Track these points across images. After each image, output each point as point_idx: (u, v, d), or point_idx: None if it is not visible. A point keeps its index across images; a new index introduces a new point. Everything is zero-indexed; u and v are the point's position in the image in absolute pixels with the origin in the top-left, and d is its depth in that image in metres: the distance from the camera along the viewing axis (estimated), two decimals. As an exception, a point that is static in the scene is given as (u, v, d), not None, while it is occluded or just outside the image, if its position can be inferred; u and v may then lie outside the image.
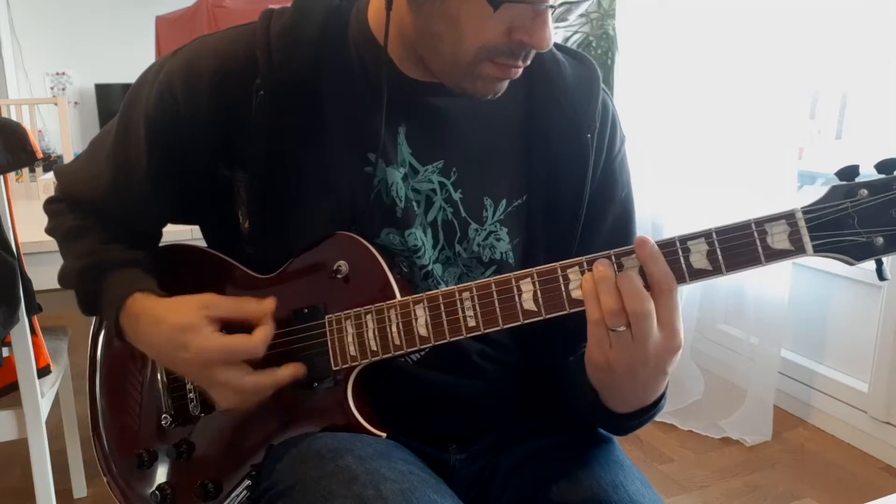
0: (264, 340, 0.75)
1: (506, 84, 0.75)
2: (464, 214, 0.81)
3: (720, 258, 0.62)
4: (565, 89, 0.81)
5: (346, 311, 0.76)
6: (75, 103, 5.74)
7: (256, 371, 0.75)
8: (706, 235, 0.62)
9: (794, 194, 2.23)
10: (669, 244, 0.63)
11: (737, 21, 2.26)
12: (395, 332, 0.73)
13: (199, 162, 0.80)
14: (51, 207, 0.94)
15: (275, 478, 0.73)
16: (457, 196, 0.81)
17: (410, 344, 0.72)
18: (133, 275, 0.84)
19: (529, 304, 0.68)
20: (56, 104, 2.59)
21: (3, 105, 2.63)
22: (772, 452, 2.21)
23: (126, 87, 0.87)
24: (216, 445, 0.83)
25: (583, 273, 0.65)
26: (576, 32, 2.97)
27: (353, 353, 0.75)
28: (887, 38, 2.36)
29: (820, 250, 0.60)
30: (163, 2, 4.08)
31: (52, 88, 5.70)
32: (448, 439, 0.85)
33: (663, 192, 2.57)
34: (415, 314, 0.72)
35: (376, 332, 0.74)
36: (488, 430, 0.87)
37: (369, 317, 0.74)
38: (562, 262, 0.67)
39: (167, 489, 0.84)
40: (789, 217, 0.60)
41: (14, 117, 2.64)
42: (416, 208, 0.80)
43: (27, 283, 1.37)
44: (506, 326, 0.68)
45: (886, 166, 0.59)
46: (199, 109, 0.77)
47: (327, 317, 0.77)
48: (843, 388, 2.28)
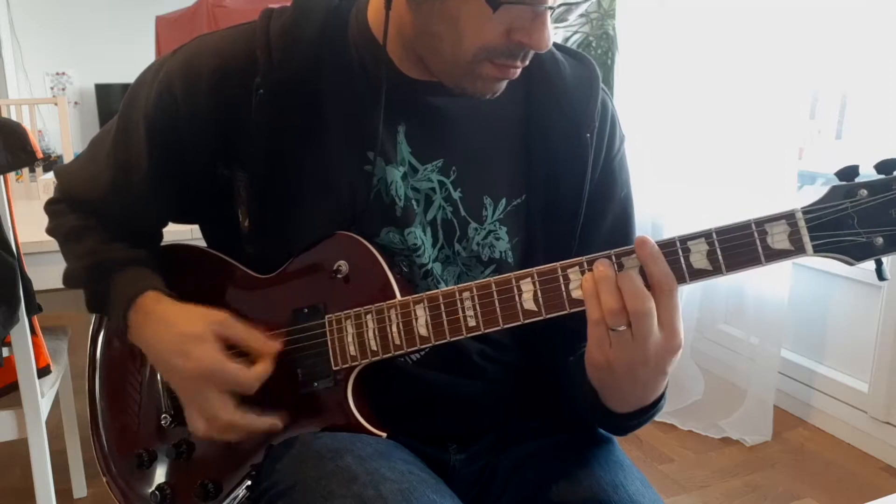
0: (260, 378, 0.75)
1: (505, 84, 0.75)
2: (463, 213, 0.81)
3: (720, 258, 0.62)
4: (565, 89, 0.81)
5: (346, 311, 0.76)
6: (75, 103, 5.74)
7: (238, 409, 0.76)
8: (706, 235, 0.62)
9: (794, 194, 2.23)
10: (669, 244, 0.63)
11: (737, 21, 2.26)
12: (395, 332, 0.73)
13: (199, 161, 0.80)
14: (51, 208, 0.94)
15: (275, 478, 0.73)
16: (456, 195, 0.81)
17: (410, 344, 0.72)
18: (141, 272, 0.84)
19: (529, 304, 0.68)
20: (56, 104, 2.59)
21: (3, 105, 2.63)
22: (772, 452, 2.21)
23: (126, 87, 0.87)
24: (216, 445, 0.83)
25: (583, 273, 0.65)
26: (576, 32, 2.97)
27: (353, 352, 0.75)
28: (887, 38, 2.36)
29: (820, 250, 0.60)
30: (163, 2, 4.08)
31: (52, 88, 5.70)
32: (448, 439, 0.85)
33: (663, 192, 2.57)
34: (415, 314, 0.72)
35: (376, 332, 0.74)
36: (488, 430, 0.87)
37: (369, 316, 0.74)
38: (562, 262, 0.67)
39: (167, 489, 0.84)
40: (789, 217, 0.60)
41: (14, 117, 2.64)
42: (415, 207, 0.80)
43: (27, 283, 1.37)
44: (506, 326, 0.68)
45: (886, 166, 0.59)
46: (199, 109, 0.77)
47: (327, 317, 0.77)
48: (843, 388, 2.28)
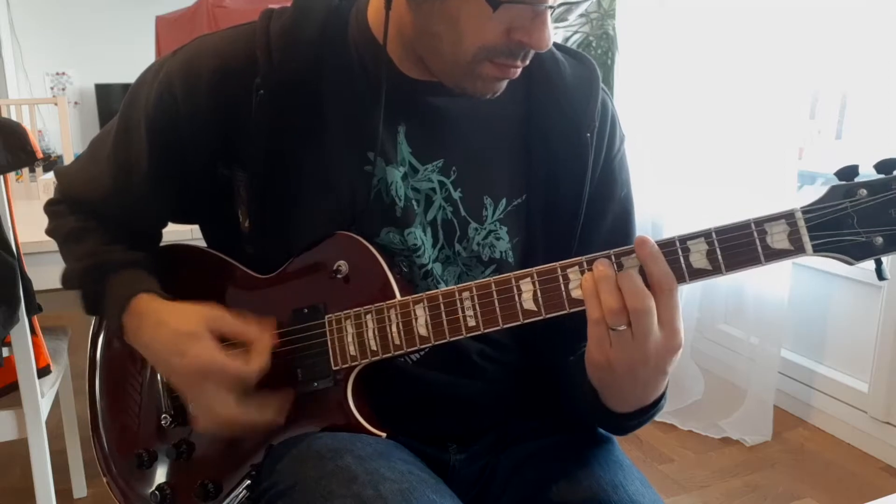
0: (259, 368, 0.75)
1: (505, 84, 0.75)
2: (463, 213, 0.81)
3: (720, 258, 0.62)
4: (565, 89, 0.81)
5: (345, 311, 0.76)
6: (75, 103, 5.74)
7: (244, 398, 0.75)
8: (706, 235, 0.62)
9: (794, 194, 2.23)
10: (669, 244, 0.63)
11: (737, 21, 2.26)
12: (394, 332, 0.73)
13: (199, 162, 0.80)
14: (51, 209, 0.94)
15: (275, 478, 0.73)
16: (456, 195, 0.81)
17: (410, 344, 0.72)
18: (137, 275, 0.84)
19: (529, 304, 0.68)
20: (56, 104, 2.59)
21: (3, 105, 2.63)
22: (772, 452, 2.21)
23: (126, 87, 0.87)
24: (216, 445, 0.83)
25: (582, 273, 0.65)
26: (576, 32, 2.97)
27: (352, 352, 0.75)
28: (887, 38, 2.36)
29: (819, 250, 0.60)
30: (163, 2, 4.08)
31: (52, 88, 5.70)
32: (448, 439, 0.85)
33: (663, 192, 2.57)
34: (415, 314, 0.72)
35: (376, 332, 0.74)
36: (488, 430, 0.87)
37: (369, 316, 0.74)
38: (561, 262, 0.67)
39: (167, 489, 0.84)
40: (789, 217, 0.60)
41: (14, 117, 2.64)
42: (415, 207, 0.80)
43: (27, 283, 1.37)
44: (506, 326, 0.68)
45: (886, 166, 0.59)
46: (199, 109, 0.77)
47: (327, 317, 0.77)
48: (843, 388, 2.28)
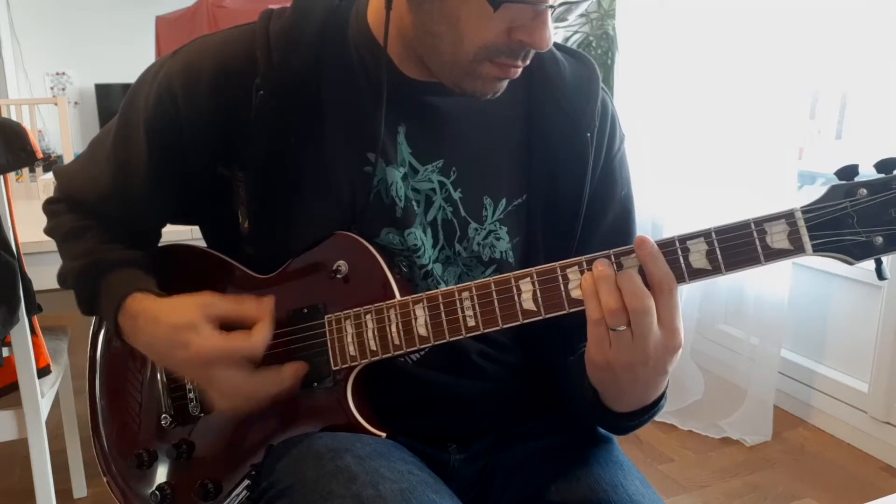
0: (264, 340, 0.75)
1: (505, 84, 0.75)
2: (463, 214, 0.81)
3: (719, 258, 0.62)
4: (565, 89, 0.81)
5: (345, 311, 0.76)
6: (75, 103, 5.74)
7: (257, 372, 0.75)
8: (705, 235, 0.62)
9: (794, 194, 2.23)
10: (669, 244, 0.63)
11: (737, 21, 2.25)
12: (394, 332, 0.73)
13: (199, 162, 0.80)
14: (50, 208, 0.93)
15: (274, 477, 0.73)
16: (456, 195, 0.81)
17: (410, 344, 0.72)
18: (132, 275, 0.84)
19: (529, 304, 0.67)
20: (56, 104, 2.59)
21: (3, 105, 2.63)
22: (772, 452, 2.21)
23: (126, 87, 0.87)
24: (216, 445, 0.83)
25: (582, 273, 0.65)
26: (576, 32, 2.97)
27: (352, 352, 0.75)
28: (887, 38, 2.36)
29: (819, 250, 0.60)
30: (163, 2, 4.09)
31: (52, 88, 5.70)
32: (448, 439, 0.85)
33: (663, 192, 2.57)
34: (414, 314, 0.72)
35: (376, 332, 0.74)
36: (488, 430, 0.87)
37: (369, 317, 0.74)
38: (561, 262, 0.67)
39: (167, 489, 0.84)
40: (788, 217, 0.60)
41: (14, 117, 2.64)
42: (415, 208, 0.80)
43: (27, 283, 1.37)
44: (505, 326, 0.68)
45: (886, 166, 0.59)
46: (199, 110, 0.77)
47: (327, 317, 0.77)
48: (843, 388, 2.28)
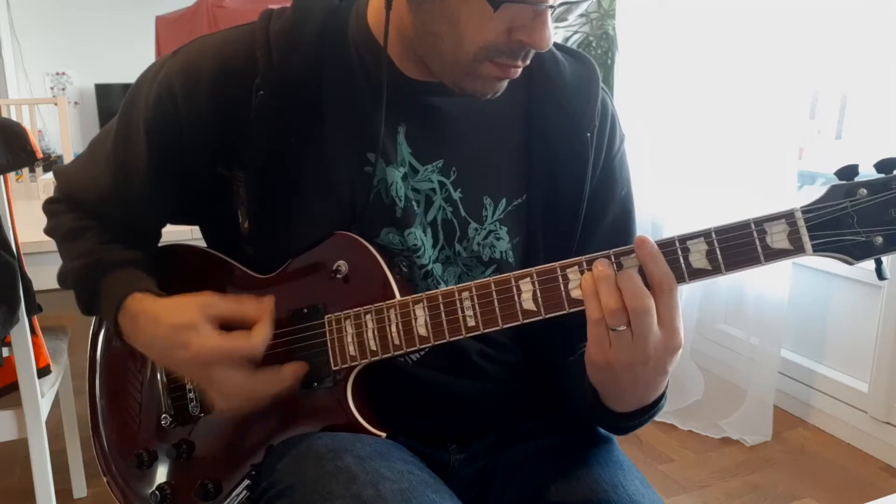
0: (264, 340, 0.75)
1: (505, 84, 0.75)
2: (463, 214, 0.81)
3: (719, 258, 0.62)
4: (565, 89, 0.81)
5: (345, 311, 0.76)
6: (75, 103, 5.74)
7: (257, 372, 0.75)
8: (705, 235, 0.62)
9: (794, 194, 2.23)
10: (669, 244, 0.63)
11: (737, 21, 2.25)
12: (394, 332, 0.73)
13: (199, 162, 0.80)
14: (50, 208, 0.93)
15: (274, 477, 0.73)
16: (456, 195, 0.81)
17: (410, 344, 0.72)
18: (132, 275, 0.84)
19: (529, 304, 0.67)
20: (56, 104, 2.59)
21: (3, 105, 2.63)
22: (772, 452, 2.21)
23: (126, 87, 0.87)
24: (216, 445, 0.83)
25: (582, 273, 0.65)
26: (576, 32, 2.97)
27: (352, 352, 0.75)
28: (887, 38, 2.36)
29: (819, 250, 0.60)
30: (163, 2, 4.09)
31: (52, 88, 5.70)
32: (448, 439, 0.85)
33: (663, 192, 2.57)
34: (414, 314, 0.72)
35: (376, 332, 0.74)
36: (488, 429, 0.87)
37: (369, 317, 0.74)
38: (561, 262, 0.67)
39: (167, 489, 0.84)
40: (788, 216, 0.60)
41: (14, 117, 2.64)
42: (415, 208, 0.80)
43: (27, 283, 1.37)
44: (505, 326, 0.68)
45: (886, 165, 0.59)
46: (199, 110, 0.77)
47: (327, 317, 0.77)
48: (843, 388, 2.28)
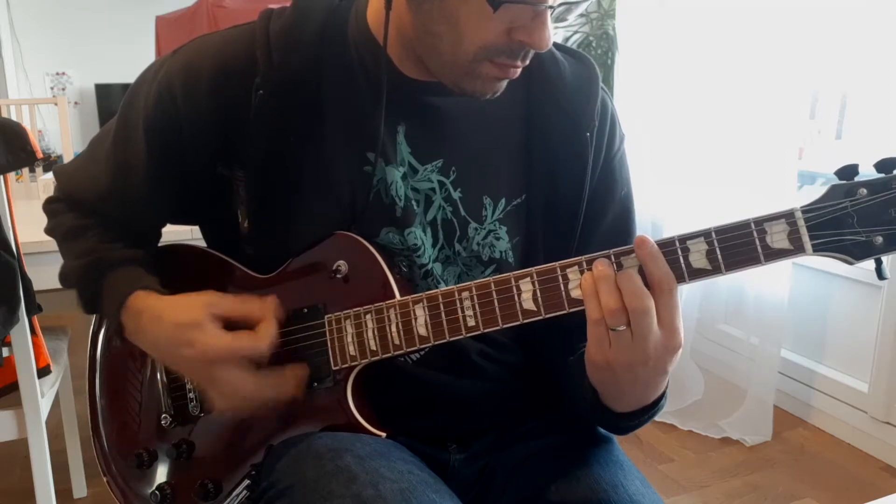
0: (269, 340, 0.75)
1: (505, 84, 0.75)
2: (463, 213, 0.81)
3: (719, 258, 0.62)
4: (564, 88, 0.81)
5: (345, 311, 0.76)
6: (75, 103, 5.74)
7: (260, 373, 0.75)
8: (705, 235, 0.62)
9: (794, 194, 2.23)
10: (669, 244, 0.63)
11: (737, 21, 2.26)
12: (394, 332, 0.73)
13: (199, 162, 0.80)
14: (50, 207, 0.93)
15: (274, 477, 0.73)
16: (456, 195, 0.81)
17: (410, 344, 0.72)
18: (134, 273, 0.84)
19: (529, 304, 0.67)
20: (56, 104, 2.59)
21: (3, 105, 2.63)
22: (772, 452, 2.21)
23: (126, 88, 0.87)
24: (216, 445, 0.83)
25: (582, 272, 0.65)
26: (576, 32, 2.97)
27: (352, 352, 0.75)
28: (887, 38, 2.36)
29: (819, 249, 0.60)
30: (163, 2, 4.09)
31: (52, 88, 5.71)
32: (448, 439, 0.85)
33: (663, 192, 2.57)
34: (414, 314, 0.72)
35: (376, 332, 0.74)
36: (488, 429, 0.87)
37: (369, 316, 0.74)
38: (561, 262, 0.67)
39: (167, 489, 0.84)
40: (788, 216, 0.60)
41: (14, 117, 2.64)
42: (415, 207, 0.80)
43: (27, 283, 1.37)
44: (505, 326, 0.68)
45: (886, 165, 0.59)
46: (199, 109, 0.77)
47: (327, 317, 0.77)
48: (843, 388, 2.28)
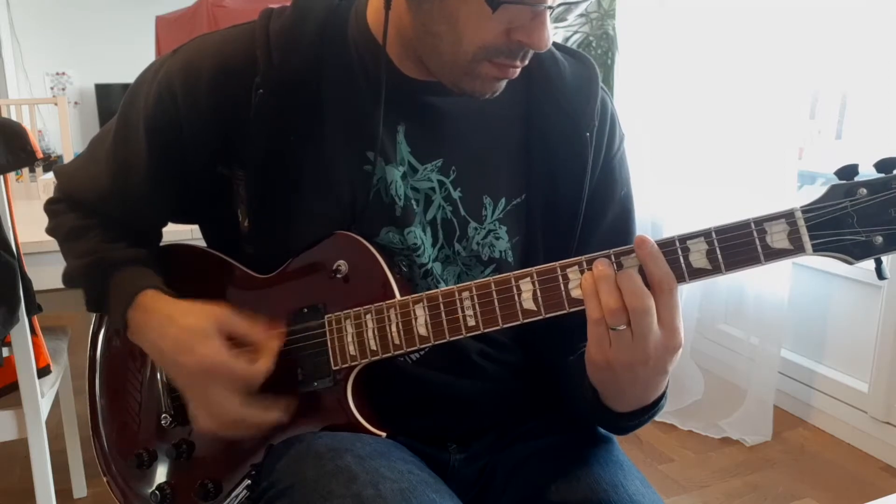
0: (266, 371, 0.75)
1: (504, 83, 0.75)
2: (463, 213, 0.81)
3: (719, 257, 0.62)
4: (564, 88, 0.81)
5: (345, 311, 0.76)
6: (75, 103, 5.75)
7: (247, 400, 0.75)
8: (705, 235, 0.62)
9: (794, 194, 2.23)
10: (669, 243, 0.63)
11: (737, 21, 2.26)
12: (394, 332, 0.73)
13: (199, 161, 0.80)
14: (51, 208, 0.93)
15: (274, 477, 0.73)
16: (456, 195, 0.81)
17: (410, 343, 0.72)
18: (141, 272, 0.84)
19: (529, 304, 0.67)
20: (56, 104, 2.59)
21: (3, 105, 2.63)
22: (772, 452, 2.21)
23: (126, 87, 0.87)
24: (216, 445, 0.83)
25: (582, 272, 0.65)
26: (576, 32, 2.97)
27: (352, 352, 0.75)
28: (887, 38, 2.36)
29: (819, 249, 0.60)
30: (163, 2, 4.09)
31: (52, 88, 5.71)
32: (448, 439, 0.85)
33: (663, 192, 2.57)
34: (414, 314, 0.72)
35: (376, 332, 0.74)
36: (488, 429, 0.87)
37: (369, 316, 0.74)
38: (561, 262, 0.67)
39: (167, 489, 0.84)
40: (788, 216, 0.60)
41: (14, 117, 2.64)
42: (415, 207, 0.80)
43: (27, 283, 1.37)
44: (505, 326, 0.68)
45: (886, 165, 0.59)
46: (199, 108, 0.77)
47: (327, 316, 0.77)
48: (843, 388, 2.28)
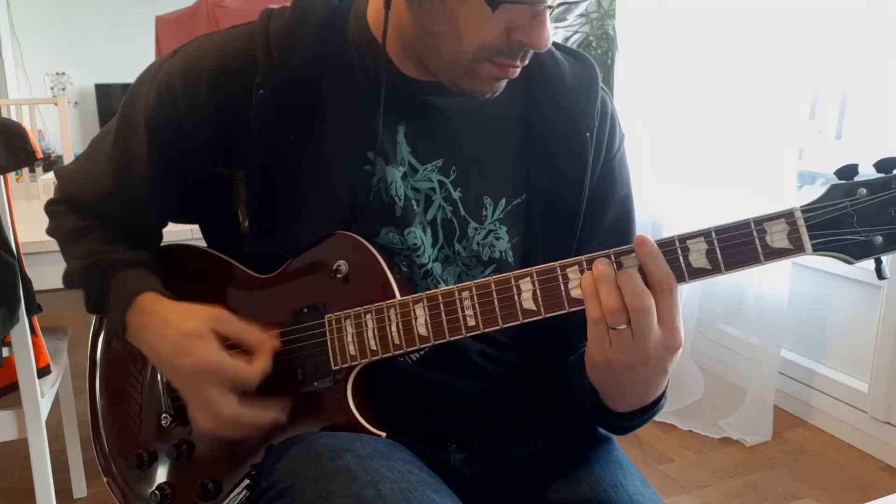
0: (262, 372, 0.76)
1: (504, 83, 0.75)
2: (463, 213, 0.81)
3: (719, 257, 0.62)
4: (564, 88, 0.81)
5: (345, 311, 0.76)
6: (75, 103, 5.75)
7: (244, 403, 0.76)
8: (705, 234, 0.62)
9: (794, 194, 2.23)
10: (669, 243, 0.63)
11: (737, 21, 2.26)
12: (394, 332, 0.73)
13: (199, 161, 0.80)
14: (52, 209, 0.93)
15: (274, 477, 0.73)
16: (456, 195, 0.81)
17: (410, 343, 0.72)
18: (141, 274, 0.84)
19: (529, 304, 0.67)
20: (56, 104, 2.60)
21: (3, 105, 2.63)
22: (772, 452, 2.21)
23: (126, 88, 0.87)
24: (216, 445, 0.83)
25: (582, 272, 0.65)
26: (576, 32, 2.97)
27: (352, 352, 0.75)
28: (887, 38, 2.36)
29: (819, 249, 0.60)
30: (163, 2, 4.09)
31: (52, 88, 5.71)
32: (448, 439, 0.85)
33: (663, 192, 2.57)
34: (414, 314, 0.72)
35: (376, 332, 0.74)
36: (488, 429, 0.87)
37: (369, 316, 0.74)
38: (561, 262, 0.67)
39: (167, 489, 0.84)
40: (788, 216, 0.60)
41: (14, 117, 2.64)
42: (415, 207, 0.80)
43: (27, 283, 1.37)
44: (505, 326, 0.68)
45: (885, 165, 0.59)
46: (199, 109, 0.77)
47: (327, 316, 0.77)
48: (843, 388, 2.28)
